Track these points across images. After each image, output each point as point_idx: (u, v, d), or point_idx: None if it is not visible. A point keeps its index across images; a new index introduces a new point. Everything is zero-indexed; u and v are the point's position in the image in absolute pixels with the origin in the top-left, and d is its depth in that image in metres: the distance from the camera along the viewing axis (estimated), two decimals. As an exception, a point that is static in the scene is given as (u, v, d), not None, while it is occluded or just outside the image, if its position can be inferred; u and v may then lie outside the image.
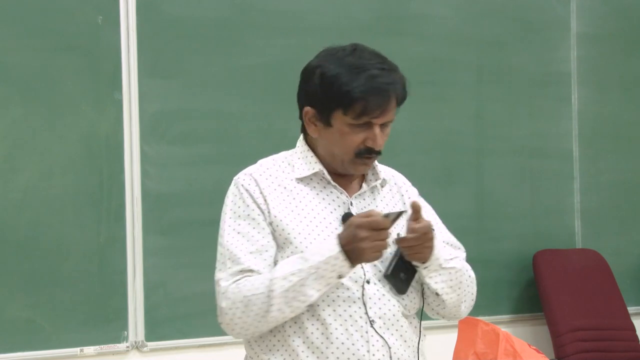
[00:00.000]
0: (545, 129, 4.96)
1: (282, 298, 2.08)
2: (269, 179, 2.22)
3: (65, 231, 3.86)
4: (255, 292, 2.09)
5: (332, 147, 2.21)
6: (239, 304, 2.10)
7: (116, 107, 3.95)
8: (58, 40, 3.87)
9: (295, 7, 4.33)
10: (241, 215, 2.18)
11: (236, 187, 2.22)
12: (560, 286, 4.81)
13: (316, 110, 2.20)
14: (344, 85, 2.14)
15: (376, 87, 2.14)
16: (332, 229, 2.18)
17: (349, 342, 2.14)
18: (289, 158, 2.27)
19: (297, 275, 2.07)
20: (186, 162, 4.09)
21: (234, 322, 2.13)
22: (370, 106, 2.14)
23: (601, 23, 5.11)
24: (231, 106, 4.19)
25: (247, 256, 2.14)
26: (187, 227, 4.06)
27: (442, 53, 4.67)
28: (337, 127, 2.18)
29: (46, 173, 3.85)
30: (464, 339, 3.83)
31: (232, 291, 2.12)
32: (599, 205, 5.07)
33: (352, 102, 2.13)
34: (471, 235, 4.72)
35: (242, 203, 2.19)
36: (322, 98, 2.17)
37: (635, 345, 4.90)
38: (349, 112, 2.15)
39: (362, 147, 2.18)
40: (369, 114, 2.15)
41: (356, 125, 2.16)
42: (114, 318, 3.93)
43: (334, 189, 2.24)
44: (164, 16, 4.06)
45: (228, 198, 2.23)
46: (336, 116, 2.17)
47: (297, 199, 2.21)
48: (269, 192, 2.19)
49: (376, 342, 2.16)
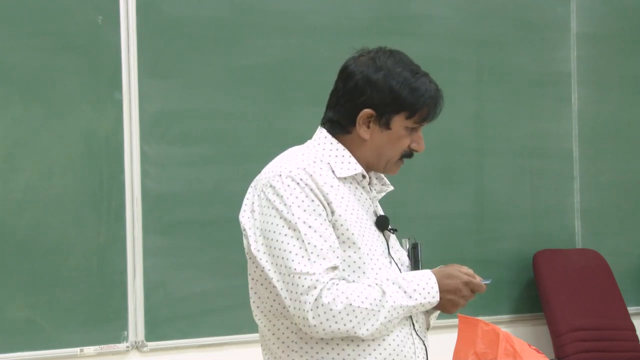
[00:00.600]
0: (545, 129, 4.96)
1: (382, 325, 2.10)
2: (321, 176, 2.16)
3: (65, 231, 3.86)
4: (361, 304, 2.07)
5: (382, 149, 2.23)
6: (343, 308, 2.06)
7: (116, 107, 3.95)
8: (58, 40, 3.87)
9: (295, 7, 4.33)
10: (307, 210, 2.10)
11: (293, 181, 2.12)
12: (560, 286, 4.81)
13: (377, 113, 2.20)
14: (415, 91, 2.20)
15: (437, 94, 2.24)
16: (372, 230, 2.21)
17: (401, 345, 2.16)
18: (320, 155, 2.22)
19: (402, 310, 2.11)
20: (186, 162, 4.08)
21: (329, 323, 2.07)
22: (432, 111, 2.22)
23: (601, 23, 5.11)
24: (231, 106, 4.19)
25: (330, 252, 2.09)
26: (187, 227, 4.06)
27: (442, 53, 4.67)
28: (395, 130, 2.21)
29: (46, 173, 3.85)
30: (464, 339, 3.82)
31: (338, 291, 2.06)
32: (599, 205, 5.07)
33: (421, 107, 2.20)
34: (471, 235, 4.73)
35: (305, 197, 2.11)
36: (390, 102, 2.19)
37: (635, 345, 4.90)
38: (414, 116, 2.20)
39: (407, 150, 2.25)
40: (428, 119, 2.23)
41: (412, 128, 2.22)
42: (114, 318, 3.93)
43: (364, 191, 2.26)
44: (164, 16, 4.06)
45: (286, 192, 2.11)
46: (397, 119, 2.20)
47: (345, 198, 2.18)
48: (327, 190, 2.14)
49: (419, 344, 2.21)
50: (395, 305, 2.09)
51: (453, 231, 4.70)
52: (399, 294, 2.10)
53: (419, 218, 4.50)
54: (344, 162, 2.21)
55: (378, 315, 2.08)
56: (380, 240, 2.22)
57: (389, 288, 2.10)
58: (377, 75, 2.20)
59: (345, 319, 2.07)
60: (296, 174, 2.13)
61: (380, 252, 2.19)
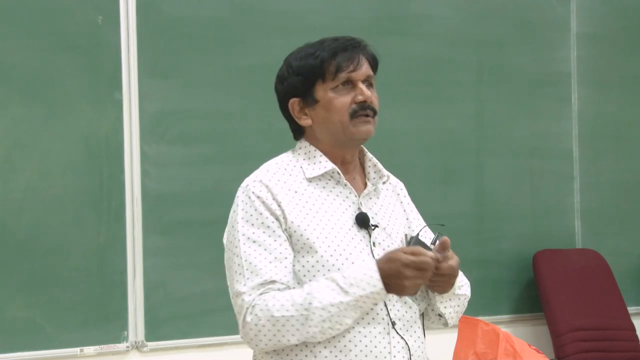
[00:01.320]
0: (545, 129, 4.96)
1: (319, 327, 2.07)
2: (279, 184, 2.19)
3: (65, 231, 3.86)
4: (286, 313, 2.07)
5: (327, 121, 2.22)
6: (267, 322, 2.08)
7: (116, 107, 3.95)
8: (58, 40, 3.87)
9: (295, 7, 4.33)
10: (255, 223, 2.15)
11: (246, 195, 2.18)
12: (560, 286, 4.81)
13: (299, 98, 2.23)
14: (310, 56, 2.21)
15: (341, 44, 2.21)
16: (346, 230, 2.18)
17: (372, 344, 2.13)
18: (294, 160, 2.25)
19: (336, 307, 2.06)
20: (186, 162, 4.08)
21: (259, 339, 2.10)
22: (342, 61, 2.19)
23: (601, 23, 5.11)
24: (231, 106, 4.19)
25: (268, 266, 2.11)
26: (187, 227, 4.06)
27: (442, 53, 4.67)
28: (322, 98, 2.21)
29: (46, 173, 3.85)
30: (464, 339, 3.83)
31: (259, 307, 2.08)
32: (599, 205, 5.07)
33: (324, 64, 2.19)
34: (471, 235, 4.73)
35: (254, 211, 2.16)
36: (298, 81, 2.22)
37: (635, 345, 4.90)
38: (326, 77, 2.19)
39: (354, 106, 2.20)
40: (344, 69, 2.19)
41: (339, 86, 2.20)
42: (114, 318, 3.93)
43: (344, 188, 2.23)
44: (164, 16, 4.06)
45: (238, 207, 2.19)
46: (318, 89, 2.21)
47: (310, 202, 2.18)
48: (283, 198, 2.17)
49: (397, 344, 2.17)
50: (324, 304, 2.05)
51: (453, 231, 4.66)
52: (333, 292, 2.06)
53: (419, 218, 4.50)
54: (315, 163, 2.23)
55: (307, 321, 2.06)
56: (359, 238, 2.19)
57: (321, 288, 2.07)
58: (282, 68, 2.29)
59: (272, 330, 2.08)
60: (252, 186, 2.19)
61: (358, 251, 2.17)
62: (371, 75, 2.24)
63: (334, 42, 2.22)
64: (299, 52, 2.26)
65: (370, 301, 2.07)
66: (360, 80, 2.21)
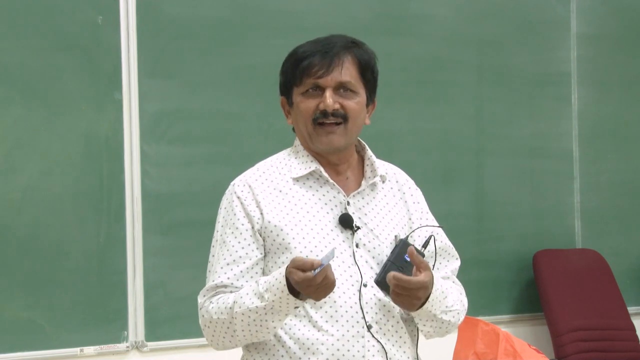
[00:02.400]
0: (545, 129, 4.96)
1: (246, 331, 2.09)
2: (265, 184, 2.20)
3: (65, 231, 3.86)
4: (219, 316, 2.13)
5: (298, 126, 2.23)
6: (209, 323, 2.16)
7: (116, 107, 3.95)
8: (58, 40, 3.87)
9: (295, 7, 4.33)
10: (227, 223, 2.19)
11: (230, 194, 2.22)
12: (560, 286, 4.81)
13: (285, 97, 2.26)
14: (289, 58, 2.23)
15: (314, 48, 2.19)
16: (327, 230, 2.17)
17: (344, 347, 2.12)
18: (287, 158, 2.26)
19: (254, 312, 2.06)
20: (186, 162, 4.08)
21: (210, 339, 2.19)
22: (308, 66, 2.17)
23: (601, 23, 5.11)
24: (231, 106, 4.19)
25: (224, 268, 2.16)
26: (187, 227, 4.06)
27: (442, 53, 4.67)
28: (295, 102, 2.21)
29: (46, 173, 3.85)
30: (464, 339, 3.83)
31: (205, 309, 2.17)
32: (599, 205, 5.07)
33: (294, 69, 2.19)
34: (471, 235, 4.73)
35: (230, 211, 2.19)
36: (282, 80, 2.25)
37: (635, 345, 4.90)
38: (296, 82, 2.20)
39: (318, 113, 2.17)
40: (310, 75, 2.17)
41: (308, 90, 2.18)
42: (114, 318, 3.93)
43: (331, 188, 2.22)
44: (164, 16, 4.06)
45: (222, 205, 2.24)
46: (294, 92, 2.21)
47: (292, 202, 2.18)
48: (264, 197, 2.17)
49: (372, 347, 2.14)
50: (244, 309, 2.07)
51: (453, 231, 4.66)
52: (254, 296, 2.06)
53: (419, 218, 4.50)
54: (300, 163, 2.23)
55: (232, 324, 2.10)
56: (341, 239, 2.17)
57: (243, 293, 2.09)
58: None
59: (217, 332, 2.14)
60: (236, 186, 2.22)
61: (338, 252, 2.15)
62: (345, 81, 2.17)
63: (311, 45, 2.20)
64: (291, 51, 2.26)
65: (285, 304, 2.04)
66: (330, 86, 2.16)
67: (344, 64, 2.17)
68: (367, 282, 2.15)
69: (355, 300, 2.13)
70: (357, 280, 2.15)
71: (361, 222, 2.20)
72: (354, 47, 2.20)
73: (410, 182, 2.36)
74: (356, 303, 2.13)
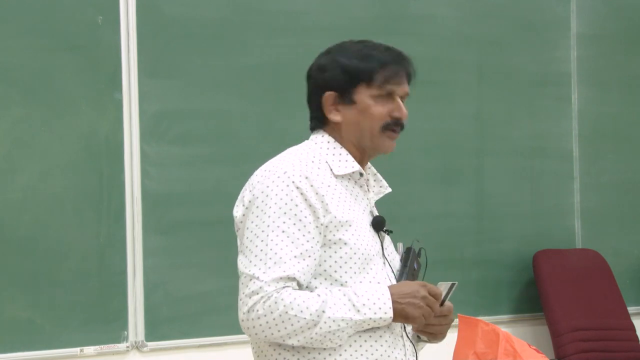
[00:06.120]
0: (545, 129, 4.96)
1: (322, 336, 2.06)
2: (318, 177, 2.15)
3: (65, 231, 3.86)
4: (299, 314, 2.04)
5: (358, 125, 2.20)
6: (277, 314, 2.05)
7: (116, 107, 3.95)
8: (58, 40, 3.87)
9: (295, 7, 4.33)
10: (287, 213, 2.09)
11: (285, 184, 2.12)
12: (560, 286, 4.81)
13: (337, 93, 2.20)
14: (363, 58, 2.19)
15: (395, 56, 2.22)
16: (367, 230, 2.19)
17: (390, 348, 2.14)
18: (319, 154, 2.21)
19: (346, 323, 2.05)
20: (186, 162, 4.09)
21: (262, 329, 2.07)
22: (392, 74, 2.19)
23: (601, 23, 5.11)
24: (231, 106, 4.19)
25: (292, 260, 2.07)
26: (187, 227, 4.06)
27: (442, 53, 4.67)
28: (361, 101, 2.19)
29: (46, 173, 3.85)
30: (464, 339, 3.83)
31: (274, 300, 2.05)
32: (599, 205, 5.07)
33: (375, 71, 2.18)
34: (471, 235, 4.73)
35: (289, 201, 2.10)
36: (343, 77, 2.19)
37: (635, 345, 4.90)
38: (372, 83, 2.18)
39: (389, 119, 2.20)
40: (391, 82, 2.19)
41: (380, 95, 2.19)
42: (114, 318, 3.93)
43: (360, 190, 2.24)
44: (164, 16, 4.06)
45: (272, 191, 2.12)
46: (359, 91, 2.19)
47: (342, 198, 2.17)
48: (325, 191, 2.13)
49: (409, 348, 2.20)
50: (336, 317, 2.05)
51: (453, 231, 4.70)
52: (345, 306, 2.06)
53: (419, 218, 4.50)
54: (341, 160, 2.20)
55: (314, 327, 2.05)
56: (375, 240, 2.20)
57: (336, 300, 2.07)
58: (326, 58, 2.24)
59: (282, 325, 2.06)
60: (291, 174, 2.13)
61: (374, 252, 2.17)
62: (408, 93, 2.26)
63: (388, 52, 2.22)
64: (348, 49, 2.22)
65: (375, 324, 2.08)
66: (400, 96, 2.23)
67: (409, 75, 2.27)
68: None
69: None
70: (391, 282, 2.19)
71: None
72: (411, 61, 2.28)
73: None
74: None
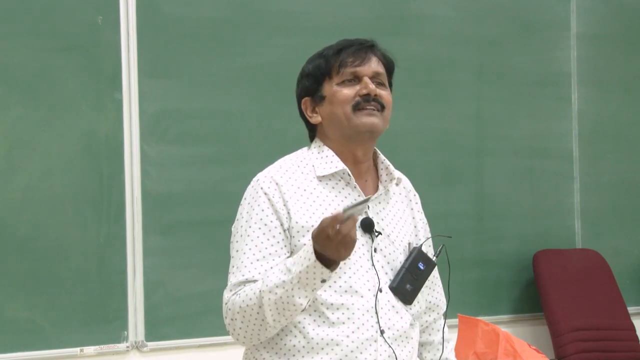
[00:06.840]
0: (545, 129, 4.96)
1: (274, 310, 2.07)
2: (290, 181, 2.19)
3: (65, 231, 3.86)
4: (248, 302, 2.09)
5: (334, 116, 2.22)
6: (237, 315, 2.11)
7: (116, 107, 3.95)
8: (58, 40, 3.87)
9: (295, 7, 4.33)
10: (254, 217, 2.16)
11: (255, 190, 2.19)
12: (560, 286, 4.81)
13: (310, 97, 2.26)
14: (319, 57, 2.25)
15: (347, 42, 2.25)
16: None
17: (357, 350, 2.13)
18: (307, 158, 2.25)
19: (281, 287, 2.05)
20: (186, 162, 4.09)
21: (237, 333, 2.14)
22: (346, 57, 2.21)
23: (601, 23, 5.11)
24: (231, 106, 4.19)
25: (254, 264, 2.13)
26: (187, 227, 4.06)
27: (442, 53, 4.67)
28: (328, 93, 2.23)
29: (46, 173, 3.85)
30: (464, 339, 3.83)
31: (232, 302, 2.12)
32: (599, 205, 5.07)
33: (329, 60, 2.22)
34: (471, 235, 4.73)
35: (257, 206, 2.16)
36: (309, 80, 2.25)
37: (635, 345, 4.90)
38: (332, 73, 2.22)
39: (358, 98, 2.20)
40: (349, 64, 2.21)
41: (345, 81, 2.21)
42: (114, 318, 3.93)
43: (352, 191, 2.23)
44: (164, 16, 4.06)
45: (245, 200, 2.21)
46: (325, 86, 2.23)
47: (317, 202, 2.18)
48: (291, 196, 2.17)
49: (384, 352, 2.16)
50: (271, 287, 2.06)
51: (453, 231, 4.69)
52: (280, 273, 2.06)
53: (419, 218, 4.50)
54: (327, 162, 2.22)
55: (263, 307, 2.07)
56: (361, 242, 2.18)
57: (270, 273, 2.09)
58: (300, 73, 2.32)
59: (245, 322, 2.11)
60: (262, 181, 2.19)
61: (357, 256, 2.16)
62: (380, 72, 2.24)
63: (342, 41, 2.25)
64: (312, 56, 2.29)
65: (312, 276, 2.02)
66: (367, 75, 2.21)
67: (376, 58, 2.24)
68: (382, 288, 2.18)
69: (372, 304, 2.15)
70: (374, 285, 2.17)
71: (379, 227, 2.22)
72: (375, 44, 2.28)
73: (413, 190, 2.41)
74: (372, 307, 2.15)
